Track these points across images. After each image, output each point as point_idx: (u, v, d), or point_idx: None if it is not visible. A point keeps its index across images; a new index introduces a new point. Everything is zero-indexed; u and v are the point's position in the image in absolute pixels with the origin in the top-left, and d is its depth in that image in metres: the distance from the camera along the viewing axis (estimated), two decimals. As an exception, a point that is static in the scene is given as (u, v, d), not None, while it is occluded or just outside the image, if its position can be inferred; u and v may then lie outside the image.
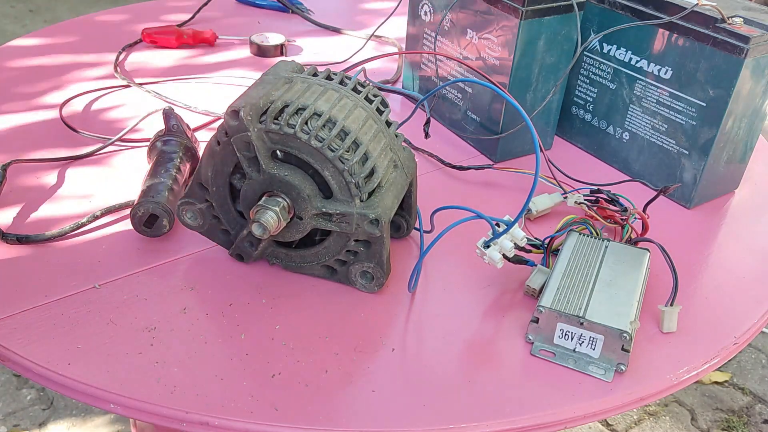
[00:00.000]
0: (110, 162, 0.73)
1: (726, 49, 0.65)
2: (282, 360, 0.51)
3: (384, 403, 0.49)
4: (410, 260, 0.62)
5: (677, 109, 0.70)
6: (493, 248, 0.56)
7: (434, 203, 0.63)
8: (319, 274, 0.59)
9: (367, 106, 0.56)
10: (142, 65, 0.94)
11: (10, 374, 1.52)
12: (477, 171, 0.75)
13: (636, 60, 0.73)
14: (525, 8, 0.68)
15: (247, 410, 0.47)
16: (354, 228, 0.54)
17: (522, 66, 0.72)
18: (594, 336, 0.51)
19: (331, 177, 0.53)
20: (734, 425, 1.52)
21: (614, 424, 1.53)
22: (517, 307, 0.58)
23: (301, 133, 0.52)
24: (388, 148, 0.56)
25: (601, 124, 0.78)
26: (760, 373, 1.66)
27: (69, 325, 0.53)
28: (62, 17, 3.25)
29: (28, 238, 0.60)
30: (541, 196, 0.69)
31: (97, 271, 0.58)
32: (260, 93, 0.53)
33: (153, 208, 0.60)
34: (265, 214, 0.53)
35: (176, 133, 0.68)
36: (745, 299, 0.61)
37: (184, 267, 0.60)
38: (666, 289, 0.58)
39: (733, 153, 0.72)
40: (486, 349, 0.54)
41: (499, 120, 0.75)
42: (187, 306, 0.56)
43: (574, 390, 0.51)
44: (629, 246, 0.60)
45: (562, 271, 0.56)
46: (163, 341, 0.52)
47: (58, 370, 0.49)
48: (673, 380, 0.52)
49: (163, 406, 0.47)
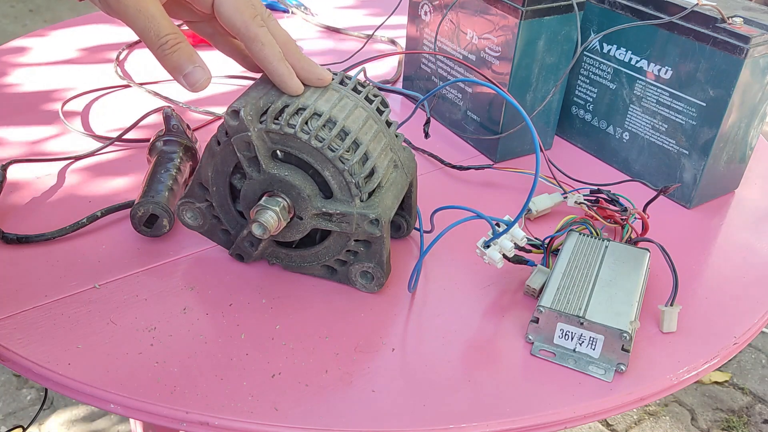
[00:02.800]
0: (110, 162, 0.73)
1: (726, 49, 0.65)
2: (282, 360, 0.51)
3: (384, 403, 0.49)
4: (410, 260, 0.62)
5: (677, 109, 0.70)
6: (493, 248, 0.56)
7: (434, 203, 0.63)
8: (319, 274, 0.59)
9: (367, 106, 0.56)
10: (142, 65, 0.94)
11: (10, 374, 1.52)
12: (477, 171, 0.75)
13: (636, 60, 0.73)
14: (525, 8, 0.68)
15: (247, 410, 0.47)
16: (354, 228, 0.54)
17: (522, 66, 0.72)
18: (594, 336, 0.51)
19: (332, 177, 0.53)
20: (734, 425, 1.52)
21: (614, 424, 1.53)
22: (517, 307, 0.58)
23: (301, 133, 0.52)
24: (388, 148, 0.56)
25: (601, 124, 0.78)
26: (760, 373, 1.66)
27: (69, 325, 0.53)
28: (62, 17, 3.25)
29: (28, 238, 0.60)
30: (541, 196, 0.69)
31: (97, 271, 0.58)
32: (260, 93, 0.53)
33: (153, 208, 0.60)
34: (265, 214, 0.53)
35: (176, 133, 0.68)
36: (745, 299, 0.61)
37: (184, 267, 0.60)
38: (666, 289, 0.58)
39: (733, 153, 0.72)
40: (486, 349, 0.54)
41: (499, 120, 0.75)
42: (187, 306, 0.56)
43: (574, 390, 0.51)
44: (629, 246, 0.60)
45: (562, 271, 0.56)
46: (163, 341, 0.52)
47: (58, 370, 0.49)
48: (673, 380, 0.52)
49: (163, 406, 0.47)
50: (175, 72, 0.48)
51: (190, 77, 0.48)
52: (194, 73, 0.48)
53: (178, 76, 0.48)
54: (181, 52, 0.47)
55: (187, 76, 0.48)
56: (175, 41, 0.47)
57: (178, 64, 0.47)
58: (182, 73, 0.48)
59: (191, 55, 0.48)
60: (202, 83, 0.48)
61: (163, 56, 0.47)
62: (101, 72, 0.91)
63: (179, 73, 0.48)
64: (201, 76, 0.48)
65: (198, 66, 0.48)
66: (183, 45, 0.47)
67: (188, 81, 0.48)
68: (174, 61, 0.47)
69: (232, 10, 0.50)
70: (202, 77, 0.48)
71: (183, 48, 0.47)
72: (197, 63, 0.48)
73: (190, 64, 0.48)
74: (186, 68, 0.48)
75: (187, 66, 0.48)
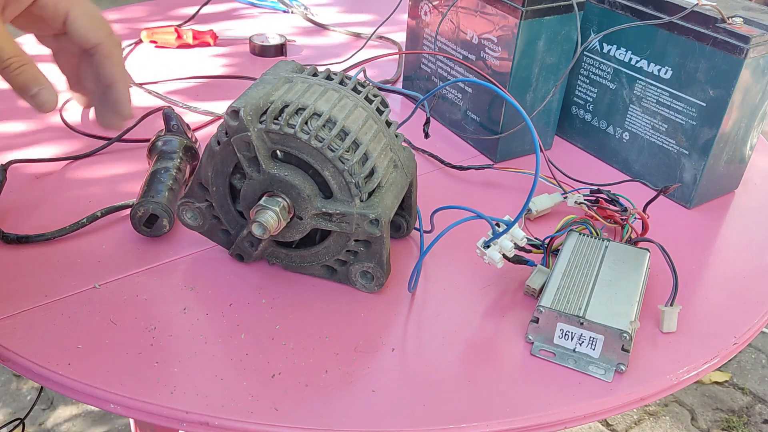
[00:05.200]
0: (110, 162, 0.73)
1: (726, 49, 0.65)
2: (282, 360, 0.51)
3: (384, 403, 0.49)
4: (410, 260, 0.62)
5: (677, 109, 0.70)
6: (493, 248, 0.56)
7: (434, 203, 0.63)
8: (319, 274, 0.59)
9: (367, 106, 0.56)
10: (142, 65, 0.94)
11: (10, 374, 1.53)
12: (477, 171, 0.75)
13: (636, 60, 0.73)
14: (525, 8, 0.68)
15: (247, 410, 0.47)
16: (354, 228, 0.54)
17: (522, 66, 0.72)
18: (594, 336, 0.51)
19: (331, 177, 0.53)
20: (734, 425, 1.52)
21: (614, 424, 1.53)
22: (517, 307, 0.58)
23: (301, 133, 0.52)
24: (388, 148, 0.56)
25: (601, 124, 0.78)
26: (760, 373, 1.66)
27: (69, 325, 0.53)
28: (62, 17, 3.24)
29: (28, 238, 0.60)
30: (541, 196, 0.69)
31: (97, 271, 0.58)
32: (260, 93, 0.53)
33: (153, 208, 0.60)
34: (265, 214, 0.53)
35: (176, 133, 0.68)
36: (745, 299, 0.61)
37: (184, 267, 0.60)
38: (666, 289, 0.58)
39: (733, 153, 0.72)
40: (486, 349, 0.54)
41: (499, 120, 0.75)
42: (187, 306, 0.56)
43: (574, 390, 0.51)
44: (629, 246, 0.60)
45: (562, 271, 0.56)
46: (163, 341, 0.52)
47: (58, 370, 0.49)
48: (673, 380, 0.52)
49: (163, 406, 0.47)
50: (23, 92, 0.49)
51: (37, 98, 0.49)
52: (40, 94, 0.49)
53: (26, 97, 0.49)
54: (25, 74, 0.48)
55: (34, 96, 0.49)
56: (19, 63, 0.48)
57: (24, 84, 0.48)
58: (29, 94, 0.49)
59: (36, 76, 0.48)
60: (49, 104, 0.49)
61: (9, 78, 0.48)
62: (101, 72, 0.91)
63: (26, 93, 0.49)
64: (47, 97, 0.49)
65: (44, 87, 0.49)
66: (27, 67, 0.48)
67: (35, 102, 0.49)
68: (20, 83, 0.48)
69: (88, 26, 0.50)
70: (49, 98, 0.49)
71: (27, 70, 0.48)
72: (43, 84, 0.49)
73: (36, 86, 0.48)
74: (32, 89, 0.48)
75: (32, 87, 0.48)
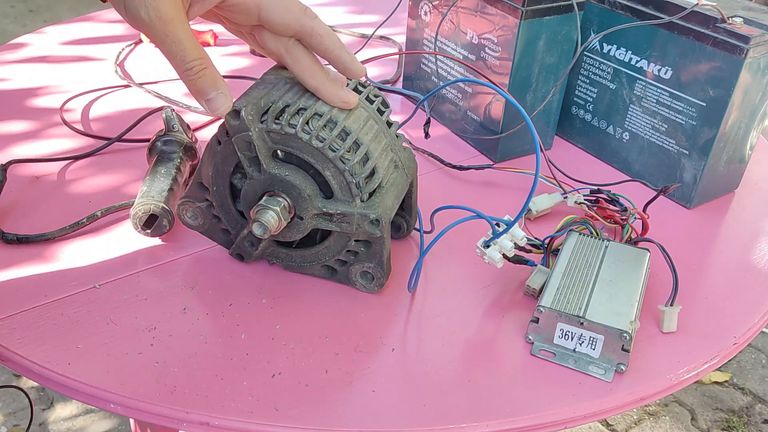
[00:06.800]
0: (110, 162, 0.73)
1: (726, 49, 0.65)
2: (282, 360, 0.51)
3: (384, 403, 0.49)
4: (410, 260, 0.62)
5: (677, 109, 0.70)
6: (493, 248, 0.56)
7: (434, 203, 0.63)
8: (319, 274, 0.59)
9: (368, 106, 0.56)
10: (142, 65, 0.94)
11: (10, 374, 1.53)
12: (477, 171, 0.75)
13: (636, 60, 0.73)
14: (525, 8, 0.68)
15: (247, 410, 0.47)
16: (354, 228, 0.54)
17: (522, 66, 0.72)
18: (594, 336, 0.51)
19: (332, 177, 0.53)
20: (734, 425, 1.52)
21: (614, 424, 1.53)
22: (517, 307, 0.58)
23: (302, 133, 0.52)
24: (388, 149, 0.56)
25: (601, 124, 0.78)
26: (760, 373, 1.66)
27: (69, 325, 0.53)
28: (62, 17, 3.25)
29: (28, 238, 0.60)
30: (541, 196, 0.69)
31: (97, 271, 0.58)
32: (261, 93, 0.53)
33: (153, 208, 0.60)
34: (266, 213, 0.53)
35: (176, 133, 0.68)
36: (745, 299, 0.61)
37: (184, 267, 0.60)
38: (666, 289, 0.58)
39: (733, 153, 0.72)
40: (486, 349, 0.54)
41: (499, 120, 0.75)
42: (187, 306, 0.56)
43: (574, 390, 0.51)
44: (629, 246, 0.60)
45: (562, 271, 0.56)
46: (163, 341, 0.52)
47: (58, 370, 0.49)
48: (673, 380, 0.52)
49: (163, 406, 0.47)
50: (199, 96, 0.49)
51: (212, 103, 0.49)
52: (216, 99, 0.49)
53: (201, 100, 0.50)
54: (205, 78, 0.48)
55: (210, 101, 0.49)
56: (201, 67, 0.48)
57: (202, 89, 0.49)
58: (205, 98, 0.49)
59: (215, 81, 0.49)
60: (223, 110, 0.50)
61: (189, 81, 0.48)
62: (101, 72, 0.91)
63: (202, 97, 0.49)
64: (222, 103, 0.49)
65: (221, 92, 0.49)
66: (208, 71, 0.49)
67: (210, 106, 0.49)
68: (198, 86, 0.49)
69: (282, 12, 0.51)
70: (223, 104, 0.50)
71: (208, 74, 0.49)
72: (220, 89, 0.49)
73: (213, 91, 0.49)
74: (209, 94, 0.49)
75: (210, 92, 0.49)
